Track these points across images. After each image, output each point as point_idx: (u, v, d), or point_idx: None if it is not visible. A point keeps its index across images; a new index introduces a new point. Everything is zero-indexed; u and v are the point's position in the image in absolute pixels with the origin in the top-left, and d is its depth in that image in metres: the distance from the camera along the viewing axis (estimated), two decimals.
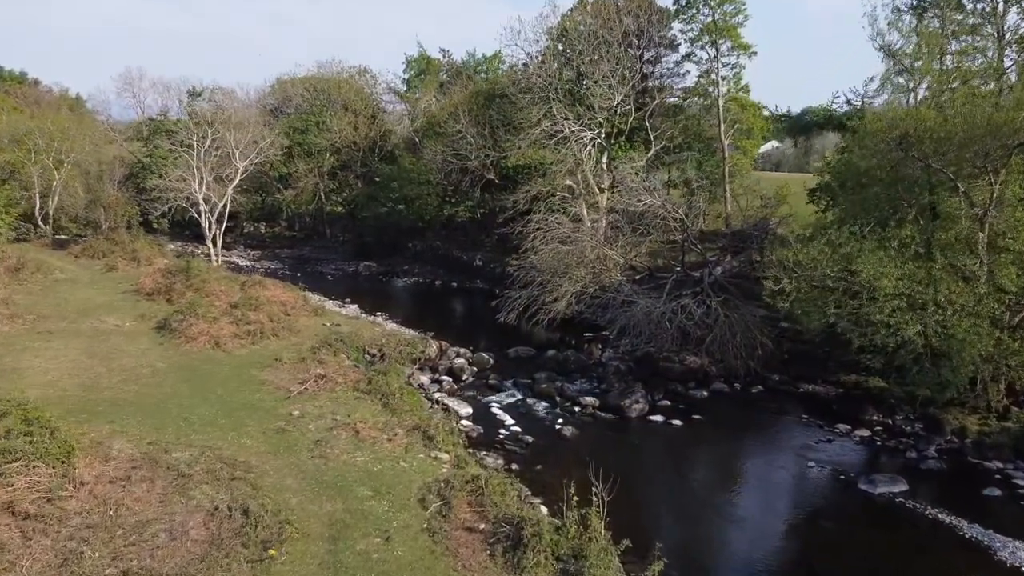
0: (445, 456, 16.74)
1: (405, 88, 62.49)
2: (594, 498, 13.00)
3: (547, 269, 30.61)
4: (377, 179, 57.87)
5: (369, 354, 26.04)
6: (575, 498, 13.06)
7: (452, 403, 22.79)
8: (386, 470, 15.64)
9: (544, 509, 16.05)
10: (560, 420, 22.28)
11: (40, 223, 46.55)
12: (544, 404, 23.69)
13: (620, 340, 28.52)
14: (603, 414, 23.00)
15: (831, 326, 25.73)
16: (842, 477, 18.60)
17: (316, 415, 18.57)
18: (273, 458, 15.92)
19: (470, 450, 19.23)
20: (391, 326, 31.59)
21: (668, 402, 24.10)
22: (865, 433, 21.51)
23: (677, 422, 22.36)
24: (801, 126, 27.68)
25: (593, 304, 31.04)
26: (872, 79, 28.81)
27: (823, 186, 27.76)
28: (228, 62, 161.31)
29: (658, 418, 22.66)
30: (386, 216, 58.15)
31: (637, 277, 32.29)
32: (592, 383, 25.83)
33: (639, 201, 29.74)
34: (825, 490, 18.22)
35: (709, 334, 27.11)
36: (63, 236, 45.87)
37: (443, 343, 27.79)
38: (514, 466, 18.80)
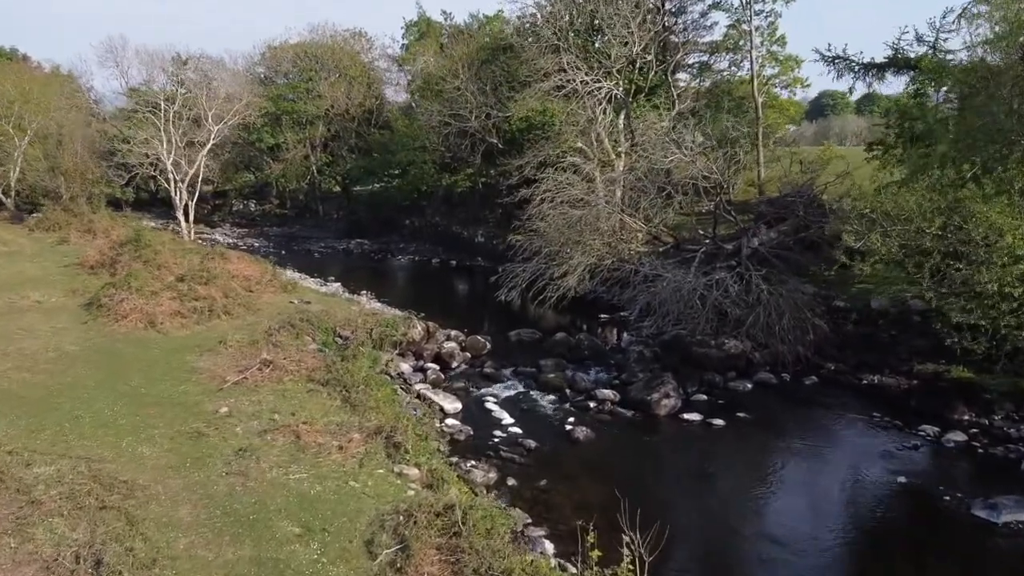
0: (414, 471, 12.27)
1: (404, 53, 57.71)
2: (625, 550, 8.45)
3: (555, 238, 25.97)
4: (375, 154, 53.42)
5: (341, 336, 21.58)
6: (596, 551, 8.49)
7: (436, 397, 18.30)
8: (327, 493, 11.18)
9: (549, 547, 11.62)
10: (571, 419, 17.77)
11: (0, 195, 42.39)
12: (551, 398, 19.19)
13: (642, 321, 23.94)
14: (624, 411, 18.45)
15: (902, 303, 21.27)
16: (946, 498, 13.97)
17: (250, 413, 14.15)
18: (173, 475, 11.50)
19: (453, 459, 14.79)
20: (374, 305, 27.14)
21: (704, 396, 19.52)
22: (960, 437, 16.82)
23: (718, 422, 17.78)
24: (869, 65, 22.82)
25: (609, 280, 26.43)
26: (949, 10, 23.97)
27: (896, 134, 22.79)
28: (215, 31, 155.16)
29: (694, 416, 18.10)
30: (381, 192, 53.89)
31: (661, 249, 27.61)
32: (610, 372, 21.28)
33: (665, 157, 25.02)
34: (928, 516, 13.61)
35: (750, 314, 22.44)
36: (40, 213, 41.64)
37: (431, 324, 23.27)
38: (510, 481, 14.33)
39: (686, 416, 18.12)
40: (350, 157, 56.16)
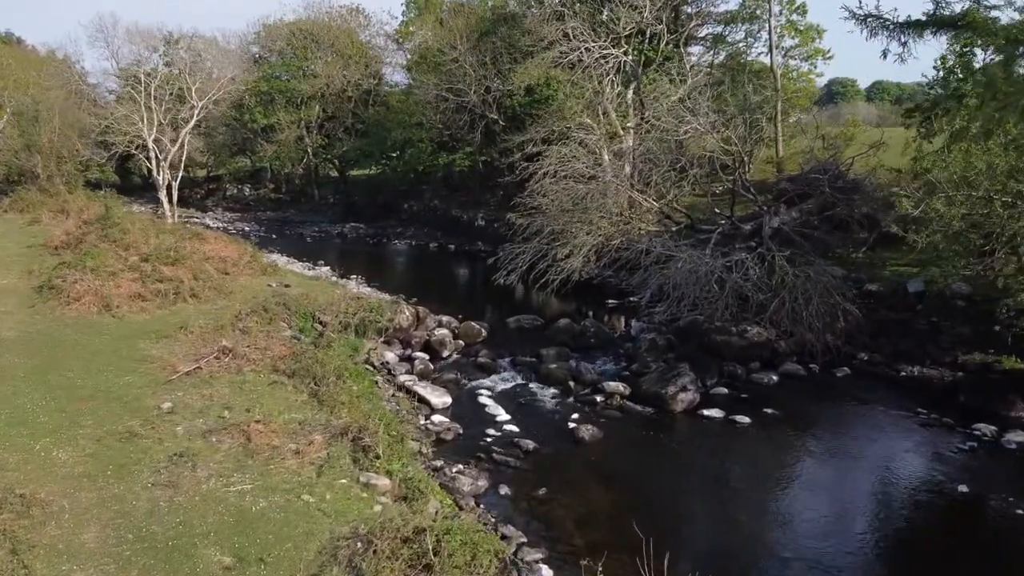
0: (384, 481, 10.15)
1: (402, 28, 55.39)
2: None
3: (558, 217, 23.75)
4: (371, 134, 51.22)
5: (321, 323, 19.49)
6: None
7: (423, 390, 16.20)
8: (272, 510, 9.07)
9: (547, 574, 9.49)
10: (575, 415, 15.62)
11: None
12: (552, 391, 17.06)
13: (654, 307, 21.75)
14: (635, 406, 16.30)
15: (939, 285, 19.07)
16: (1019, 511, 11.82)
17: (197, 409, 12.05)
18: (88, 486, 9.42)
19: (437, 463, 12.70)
20: (363, 290, 25.00)
21: (725, 389, 17.35)
22: (1022, 438, 14.65)
23: (743, 419, 15.61)
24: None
25: (617, 262, 24.21)
26: None
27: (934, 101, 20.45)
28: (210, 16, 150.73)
29: (715, 412, 15.93)
30: (378, 175, 51.90)
31: (674, 229, 25.37)
32: (619, 362, 19.15)
33: (679, 126, 22.76)
34: (1006, 536, 11.43)
35: (774, 299, 20.23)
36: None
37: (421, 309, 21.14)
38: (503, 489, 12.22)
39: (706, 412, 15.97)
40: (347, 139, 54.02)
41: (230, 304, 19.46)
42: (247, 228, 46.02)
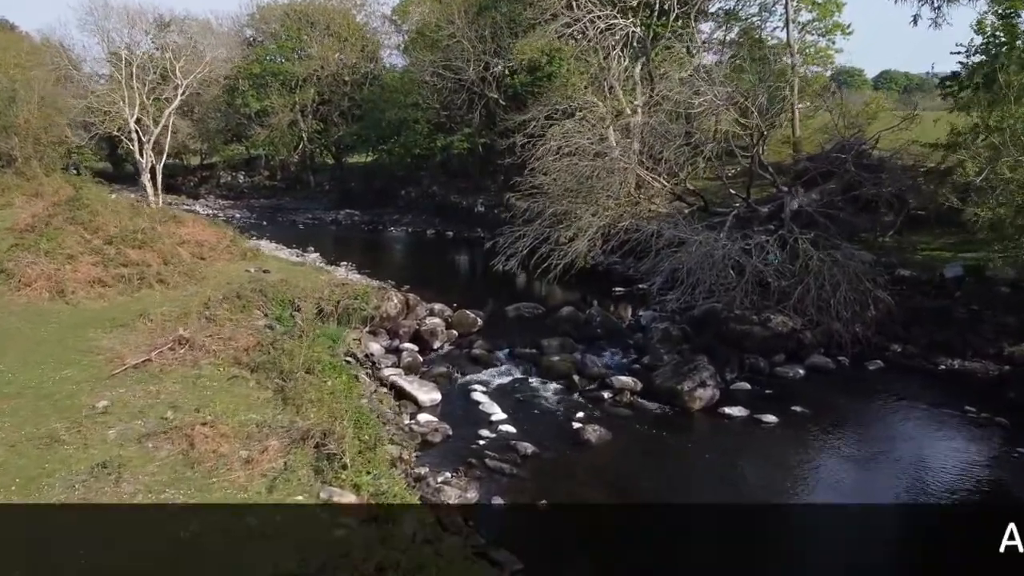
0: (350, 498, 8.40)
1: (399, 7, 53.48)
2: None
3: (562, 196, 21.95)
4: (368, 115, 49.44)
5: (299, 311, 17.76)
6: None
7: (410, 385, 14.47)
8: (206, 537, 7.33)
9: None
10: (579, 414, 13.87)
11: None
12: (554, 387, 15.29)
13: (666, 294, 19.94)
14: (648, 403, 14.52)
15: (996, 268, 17.31)
16: None
17: (137, 409, 10.32)
18: None
19: (421, 470, 10.96)
20: (350, 276, 23.24)
21: (747, 384, 15.58)
22: None
23: (769, 418, 13.84)
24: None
25: (625, 245, 22.40)
26: None
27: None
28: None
29: (737, 410, 14.16)
30: (375, 161, 50.17)
31: (686, 211, 23.54)
32: (628, 354, 17.37)
33: (693, 97, 20.89)
34: None
35: (798, 285, 18.46)
36: None
37: (412, 297, 19.37)
38: (496, 501, 10.50)
39: (727, 410, 14.20)
40: (342, 124, 52.20)
41: (202, 290, 17.74)
42: (237, 215, 44.30)
